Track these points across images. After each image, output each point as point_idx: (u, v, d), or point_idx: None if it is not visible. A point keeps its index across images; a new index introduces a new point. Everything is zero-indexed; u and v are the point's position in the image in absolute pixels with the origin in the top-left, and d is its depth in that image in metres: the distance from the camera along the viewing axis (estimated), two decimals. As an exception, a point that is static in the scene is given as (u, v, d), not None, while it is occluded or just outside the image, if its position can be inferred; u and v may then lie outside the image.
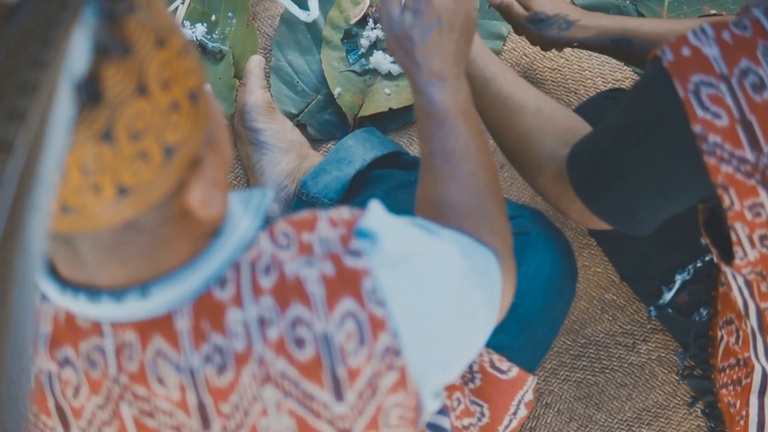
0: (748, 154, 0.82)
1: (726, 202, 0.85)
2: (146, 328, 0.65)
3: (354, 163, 1.31)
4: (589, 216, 0.99)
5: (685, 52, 0.83)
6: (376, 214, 0.70)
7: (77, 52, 0.49)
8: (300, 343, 0.65)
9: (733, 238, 0.88)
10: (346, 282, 0.66)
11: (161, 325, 0.65)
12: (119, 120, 0.54)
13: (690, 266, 1.18)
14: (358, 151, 1.33)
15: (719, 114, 0.82)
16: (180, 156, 0.58)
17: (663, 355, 1.33)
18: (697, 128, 0.82)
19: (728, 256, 0.92)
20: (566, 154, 1.00)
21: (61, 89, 0.47)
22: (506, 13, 1.25)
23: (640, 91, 0.90)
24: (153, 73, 0.55)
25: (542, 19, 1.22)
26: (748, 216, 0.85)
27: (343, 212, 0.71)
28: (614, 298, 1.36)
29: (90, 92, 0.52)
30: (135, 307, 0.63)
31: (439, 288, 0.70)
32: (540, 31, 1.23)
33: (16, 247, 0.43)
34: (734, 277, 0.95)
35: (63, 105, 0.48)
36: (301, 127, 1.42)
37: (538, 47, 1.31)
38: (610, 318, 1.36)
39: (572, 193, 0.99)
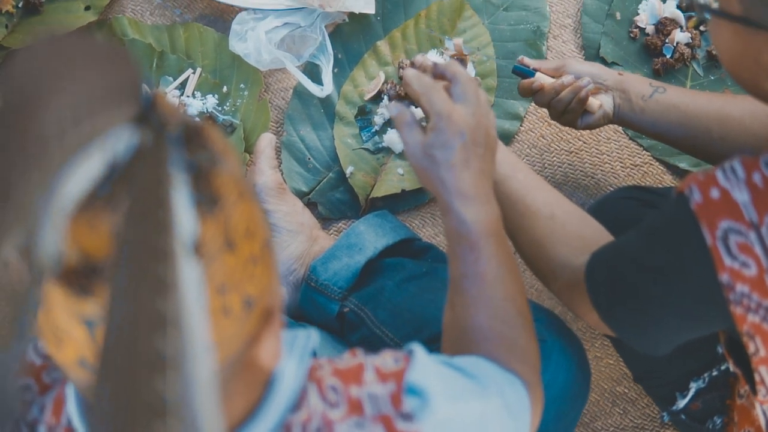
0: None
1: (751, 348, 0.83)
2: None
3: (365, 250, 1.29)
4: (605, 327, 0.97)
5: (714, 194, 0.80)
6: (422, 366, 0.70)
7: (180, 210, 0.49)
8: None
9: (757, 378, 0.86)
10: None
11: None
12: (209, 277, 0.53)
13: (705, 374, 1.15)
14: (370, 237, 1.30)
15: (747, 263, 0.79)
16: (258, 308, 0.57)
17: (674, 453, 1.31)
18: (724, 277, 0.80)
19: (751, 377, 0.89)
20: (581, 263, 0.98)
21: (180, 251, 0.47)
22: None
23: (665, 228, 0.87)
24: (237, 226, 0.54)
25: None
26: None
27: (388, 360, 0.71)
28: (626, 391, 1.34)
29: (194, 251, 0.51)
30: None
31: None
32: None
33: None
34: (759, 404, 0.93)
35: (187, 267, 0.47)
36: (311, 205, 1.40)
37: (553, 129, 1.28)
38: (621, 412, 1.33)
39: (589, 304, 0.96)
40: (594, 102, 1.16)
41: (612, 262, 0.94)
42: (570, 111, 1.16)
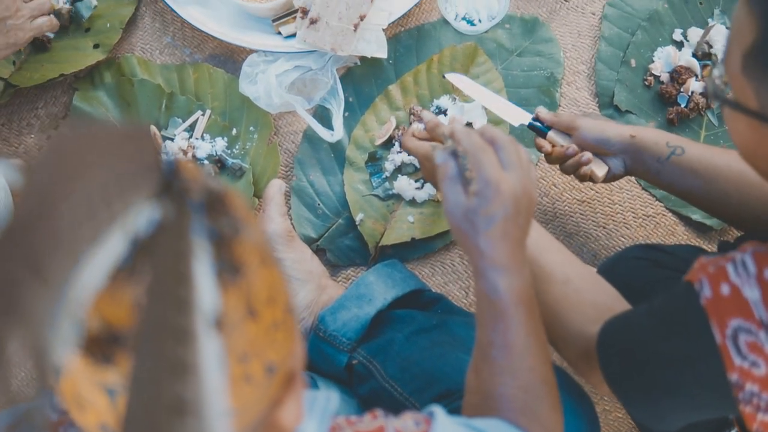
0: None
1: None
2: None
3: (374, 301, 1.27)
4: (616, 399, 0.96)
5: (724, 290, 0.78)
6: (443, 429, 0.70)
7: (202, 282, 0.49)
8: None
9: None
10: None
11: None
12: (230, 347, 0.51)
13: (716, 436, 1.14)
14: (379, 288, 1.28)
15: (757, 363, 0.77)
16: (280, 373, 0.56)
17: None
18: (733, 377, 0.78)
19: None
20: (593, 332, 0.96)
21: (201, 330, 0.47)
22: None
23: (675, 318, 0.85)
24: (259, 293, 0.53)
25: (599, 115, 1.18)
26: None
27: (409, 423, 0.70)
28: (635, 445, 1.32)
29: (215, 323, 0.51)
30: None
31: None
32: (597, 119, 1.18)
33: None
34: None
35: (208, 344, 0.47)
36: (320, 252, 1.38)
37: (565, 177, 1.27)
38: (630, 466, 1.32)
39: (601, 377, 0.95)
40: (597, 173, 1.15)
41: (623, 337, 0.93)
42: (577, 174, 1.16)
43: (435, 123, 1.12)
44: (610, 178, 1.17)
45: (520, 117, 1.23)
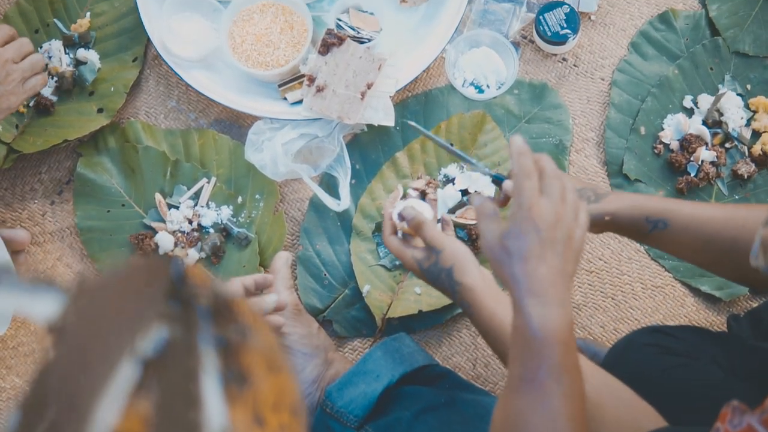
0: None
1: None
2: None
3: (382, 378, 1.26)
4: None
5: None
6: None
7: (210, 401, 0.49)
8: None
9: None
10: None
11: None
12: None
13: None
14: (387, 364, 1.27)
15: None
16: None
17: None
18: None
19: None
20: None
21: None
22: None
23: None
24: (266, 400, 0.53)
25: None
26: None
27: None
28: None
29: None
30: None
31: None
32: None
33: None
34: None
35: None
36: (326, 323, 1.37)
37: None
38: None
39: None
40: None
41: None
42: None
43: (418, 222, 1.09)
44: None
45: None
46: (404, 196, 1.37)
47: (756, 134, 1.40)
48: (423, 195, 1.36)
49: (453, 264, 1.05)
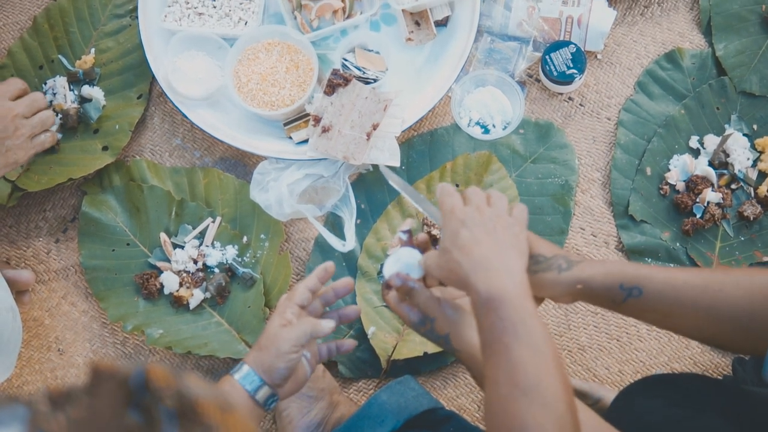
0: None
1: None
2: None
3: (386, 422, 1.26)
4: None
5: None
6: None
7: None
8: None
9: None
10: None
11: None
12: None
13: None
14: (391, 408, 1.27)
15: None
16: None
17: None
18: None
19: None
20: None
21: None
22: None
23: None
24: None
25: (539, 261, 1.03)
26: None
27: None
28: None
29: None
30: None
31: None
32: (536, 274, 1.03)
33: None
34: None
35: None
36: (332, 364, 1.37)
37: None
38: None
39: None
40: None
41: None
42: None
43: (407, 291, 1.06)
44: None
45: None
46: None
47: (762, 175, 1.40)
48: (430, 237, 1.35)
49: (449, 332, 1.03)
